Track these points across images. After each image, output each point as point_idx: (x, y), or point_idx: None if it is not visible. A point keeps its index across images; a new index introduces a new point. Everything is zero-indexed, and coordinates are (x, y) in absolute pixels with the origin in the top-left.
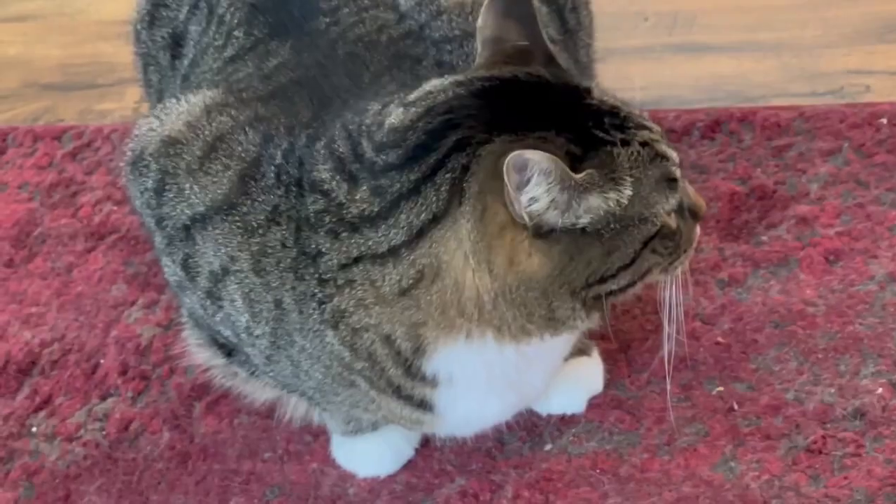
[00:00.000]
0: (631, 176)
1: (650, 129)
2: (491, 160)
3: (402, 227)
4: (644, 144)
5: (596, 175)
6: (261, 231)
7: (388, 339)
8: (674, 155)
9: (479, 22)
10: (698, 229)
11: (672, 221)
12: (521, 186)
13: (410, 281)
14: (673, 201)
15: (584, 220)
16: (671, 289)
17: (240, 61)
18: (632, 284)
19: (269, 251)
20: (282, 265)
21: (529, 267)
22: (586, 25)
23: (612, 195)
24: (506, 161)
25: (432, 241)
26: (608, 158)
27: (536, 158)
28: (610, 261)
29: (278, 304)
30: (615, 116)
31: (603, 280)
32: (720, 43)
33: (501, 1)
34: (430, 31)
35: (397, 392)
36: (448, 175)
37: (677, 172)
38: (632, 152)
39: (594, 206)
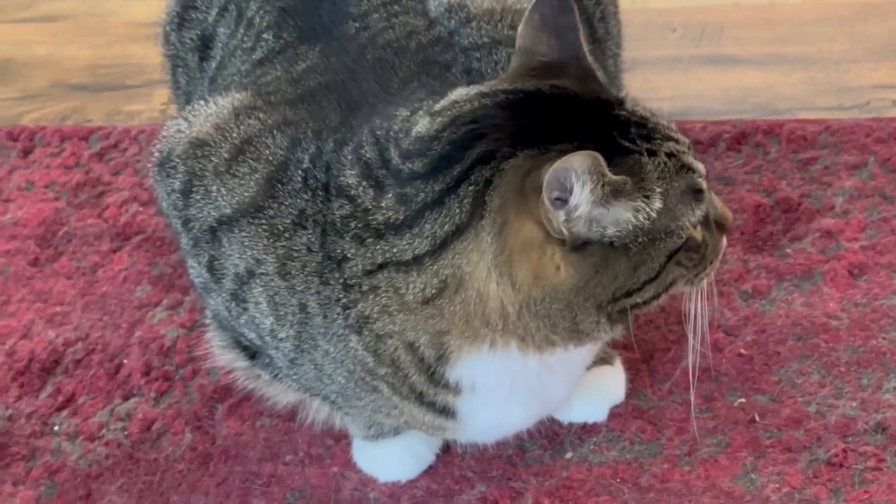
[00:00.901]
0: (659, 187)
1: (677, 141)
2: (514, 175)
3: (426, 237)
4: (671, 155)
5: (629, 183)
6: (287, 235)
7: (411, 346)
8: (700, 167)
9: (519, 29)
10: (724, 241)
11: (698, 234)
12: (560, 200)
13: (434, 290)
14: (699, 213)
15: (611, 232)
16: (696, 300)
17: (268, 64)
18: (657, 297)
19: (295, 255)
20: (307, 269)
21: (556, 280)
22: (615, 35)
23: (642, 206)
24: (544, 179)
25: (455, 253)
26: (637, 167)
27: (574, 163)
28: (636, 275)
29: (303, 307)
30: (642, 127)
31: (629, 293)
32: (748, 55)
33: (538, 14)
34: (460, 37)
35: (420, 398)
36: (471, 188)
37: (703, 184)
38: (658, 163)
39: (623, 218)
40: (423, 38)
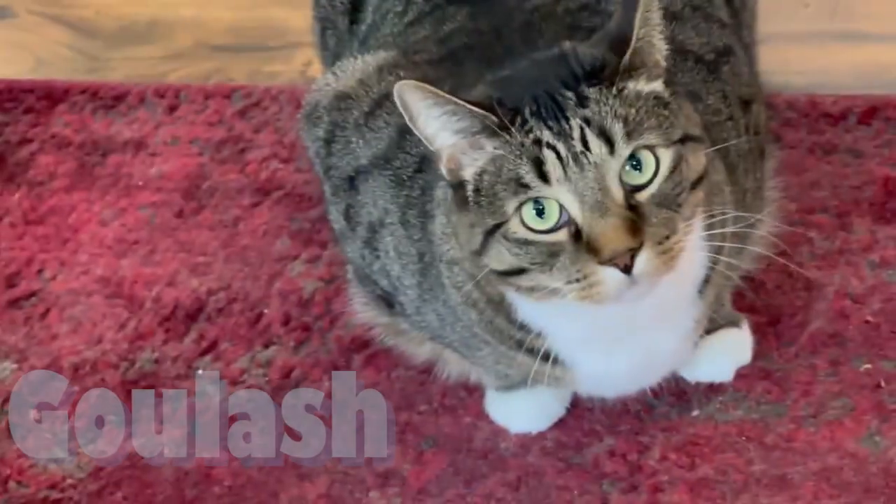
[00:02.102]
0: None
1: (564, 137)
2: None
3: None
4: (536, 142)
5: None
6: (408, 183)
7: (480, 286)
8: (553, 171)
9: None
10: (604, 272)
11: (526, 233)
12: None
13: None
14: (513, 203)
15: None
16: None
17: (418, 25)
18: (507, 274)
19: (413, 202)
20: (421, 216)
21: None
22: (750, 7)
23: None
24: None
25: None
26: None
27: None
28: (471, 238)
29: (421, 257)
30: (558, 110)
31: (477, 253)
32: (880, 31)
33: None
34: (607, 3)
35: (519, 345)
36: None
37: (530, 181)
38: (518, 139)
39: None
40: (571, 3)
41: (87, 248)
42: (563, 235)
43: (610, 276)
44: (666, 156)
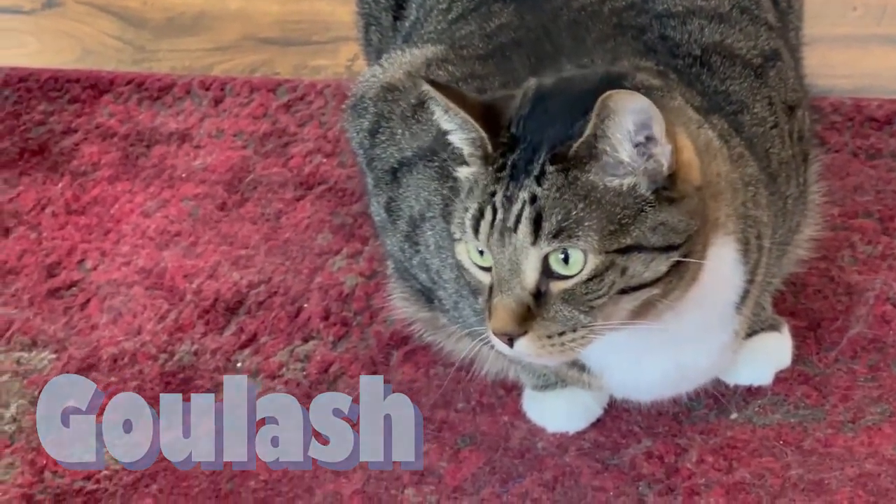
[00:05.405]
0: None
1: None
2: None
3: None
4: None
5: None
6: (453, 176)
7: None
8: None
9: None
10: (490, 332)
11: (466, 260)
12: None
13: None
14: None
15: None
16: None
17: (463, 21)
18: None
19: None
20: None
21: None
22: (797, 9)
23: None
24: None
25: None
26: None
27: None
28: None
29: None
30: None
31: None
32: None
33: None
34: (654, 3)
35: None
36: None
37: (468, 226)
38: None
39: None
40: (617, 3)
41: (129, 239)
42: (488, 280)
43: (497, 339)
44: (592, 262)
